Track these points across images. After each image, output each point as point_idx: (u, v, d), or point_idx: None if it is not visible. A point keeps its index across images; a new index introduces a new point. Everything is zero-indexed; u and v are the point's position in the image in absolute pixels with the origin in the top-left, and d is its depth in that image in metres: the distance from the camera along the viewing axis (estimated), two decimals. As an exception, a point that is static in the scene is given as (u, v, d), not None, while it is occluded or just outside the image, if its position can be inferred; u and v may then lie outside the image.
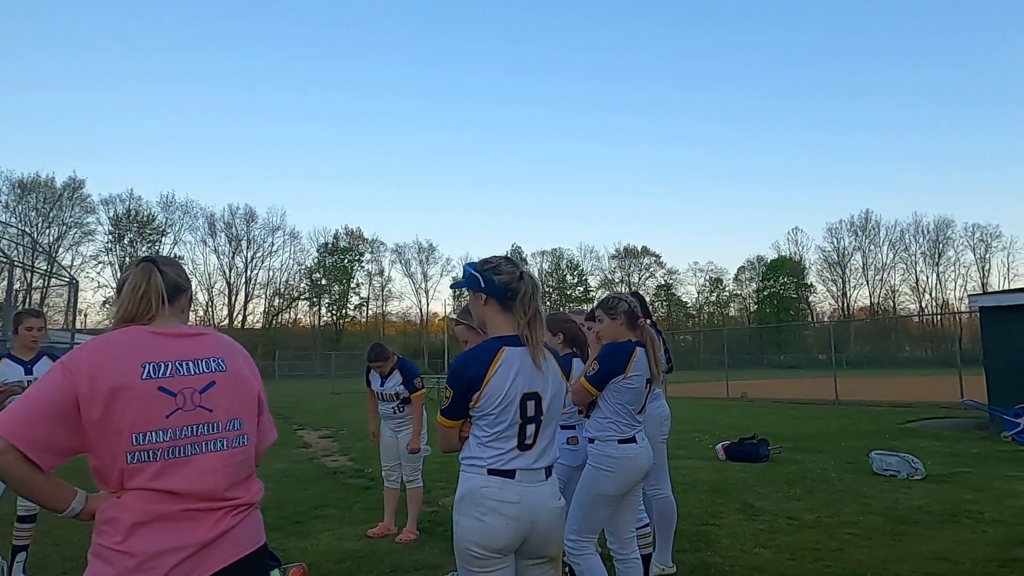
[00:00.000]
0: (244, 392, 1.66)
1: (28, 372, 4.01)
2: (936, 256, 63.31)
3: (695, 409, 16.07)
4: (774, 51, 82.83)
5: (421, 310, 65.92)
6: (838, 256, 66.75)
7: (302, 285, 62.32)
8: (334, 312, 63.37)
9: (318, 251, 62.55)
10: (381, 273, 65.60)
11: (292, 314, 63.12)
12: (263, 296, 61.27)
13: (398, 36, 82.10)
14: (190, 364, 1.57)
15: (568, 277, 67.59)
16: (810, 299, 67.88)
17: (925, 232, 63.57)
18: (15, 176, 49.24)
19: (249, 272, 60.06)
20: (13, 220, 44.34)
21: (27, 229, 40.11)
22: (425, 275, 66.09)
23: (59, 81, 70.03)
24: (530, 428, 2.07)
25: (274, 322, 60.27)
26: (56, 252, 43.85)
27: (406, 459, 5.04)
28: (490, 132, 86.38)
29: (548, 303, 65.39)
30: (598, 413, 3.08)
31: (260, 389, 1.74)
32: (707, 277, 70.65)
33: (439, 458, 8.27)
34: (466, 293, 2.37)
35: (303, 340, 58.84)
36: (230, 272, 59.40)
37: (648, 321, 3.40)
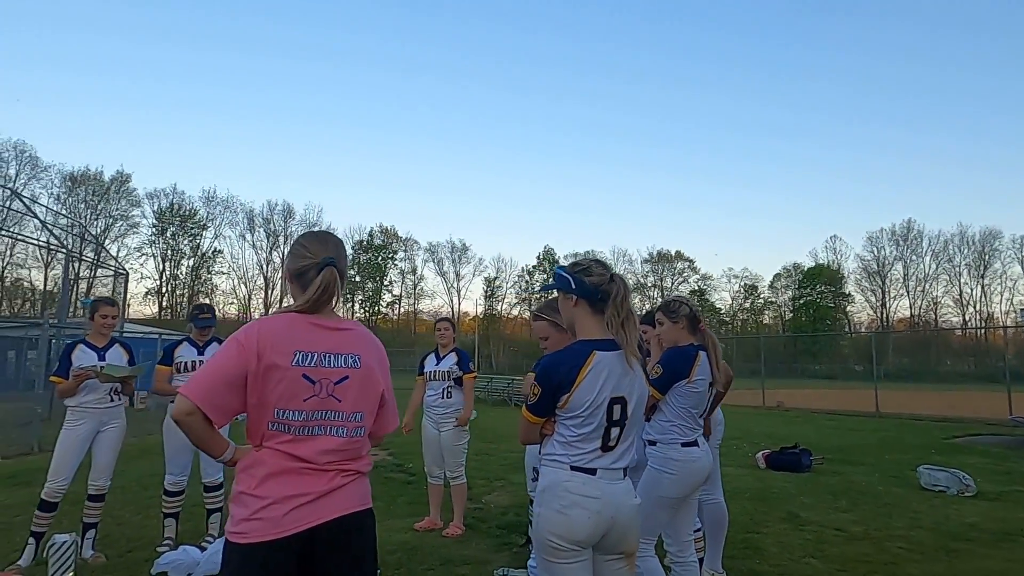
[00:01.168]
0: (370, 389, 1.87)
1: (101, 358, 4.18)
2: (982, 268, 61.34)
3: (730, 417, 15.74)
4: (813, 54, 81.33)
5: (453, 309, 66.28)
6: (878, 266, 65.21)
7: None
8: (367, 309, 64.09)
9: (353, 248, 63.27)
10: (414, 271, 66.23)
11: (327, 310, 63.94)
12: (298, 291, 62.17)
13: (434, 39, 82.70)
14: (331, 357, 1.80)
15: (600, 280, 67.17)
16: (847, 309, 66.42)
17: (970, 243, 61.69)
18: (66, 169, 51.05)
19: (285, 267, 61.04)
20: (64, 211, 45.76)
21: (76, 220, 41.36)
22: (457, 274, 66.61)
23: (109, 79, 72.18)
24: (614, 431, 2.12)
25: (308, 317, 61.11)
26: (103, 243, 45.15)
27: (449, 455, 5.09)
28: (524, 134, 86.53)
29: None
30: (660, 416, 3.09)
31: (386, 387, 1.93)
32: (741, 284, 69.77)
33: (477, 456, 8.38)
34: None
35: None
36: (267, 267, 60.60)
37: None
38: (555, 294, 2.39)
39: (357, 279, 63.18)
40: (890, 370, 44.42)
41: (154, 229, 56.05)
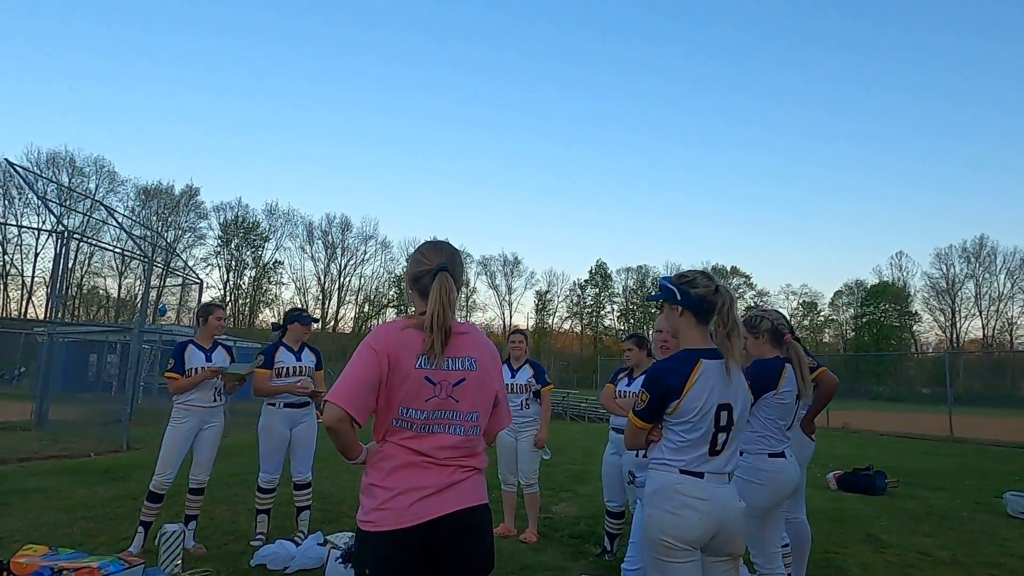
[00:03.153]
0: (486, 391, 1.97)
1: (208, 359, 4.46)
2: (1062, 287, 57.90)
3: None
4: (880, 64, 78.96)
5: (504, 322, 66.62)
6: (947, 284, 62.31)
7: (391, 293, 64.37)
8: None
9: (407, 261, 64.28)
10: (466, 284, 66.72)
11: (380, 320, 65.14)
12: (354, 302, 63.84)
13: (485, 56, 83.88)
14: (450, 360, 1.89)
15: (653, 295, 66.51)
16: (914, 329, 63.65)
17: (1050, 261, 58.28)
18: (140, 183, 53.88)
19: (342, 279, 62.76)
20: (138, 222, 48.28)
21: (152, 230, 43.54)
22: (509, 288, 66.97)
23: (181, 98, 75.91)
24: (721, 436, 2.20)
25: (364, 328, 62.46)
26: (178, 253, 47.35)
27: (524, 463, 5.12)
28: (577, 147, 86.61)
29: (633, 321, 64.65)
30: (748, 427, 3.12)
31: (499, 388, 2.03)
32: (800, 301, 67.83)
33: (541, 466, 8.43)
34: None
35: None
36: (324, 278, 62.29)
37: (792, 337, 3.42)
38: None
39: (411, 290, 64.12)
40: (961, 393, 42.30)
41: (219, 240, 58.45)
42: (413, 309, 2.07)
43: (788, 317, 3.69)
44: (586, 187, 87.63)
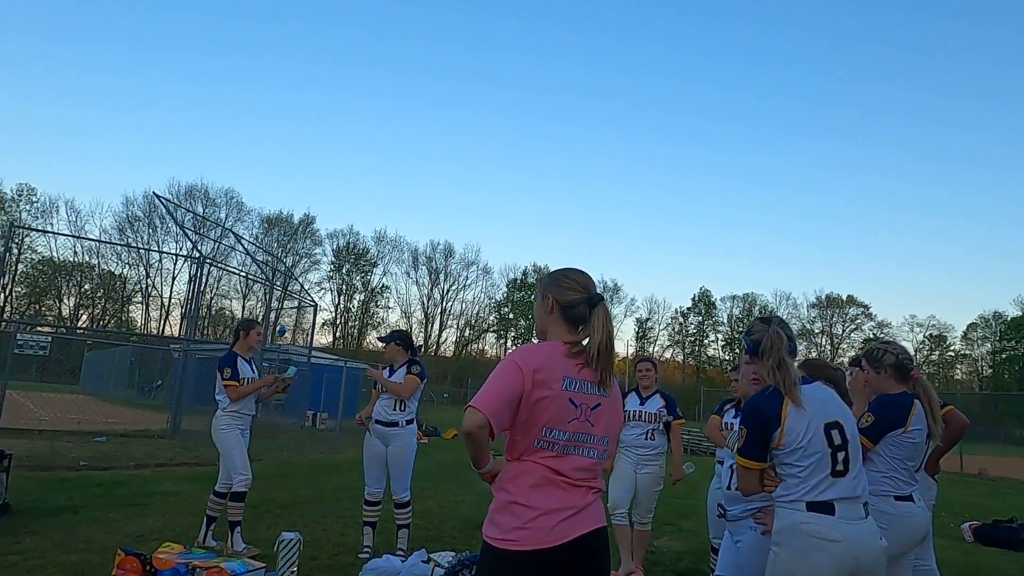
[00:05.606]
0: (616, 417, 2.05)
1: (251, 370, 4.95)
2: None
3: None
4: (1014, 61, 72.40)
5: (602, 350, 65.76)
6: (1105, 317, 55.47)
7: (491, 318, 65.43)
8: (519, 346, 65.31)
9: (507, 286, 65.37)
10: (564, 310, 66.60)
11: (480, 345, 66.26)
12: (455, 327, 65.40)
13: (593, 80, 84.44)
14: (588, 385, 1.97)
15: (761, 325, 63.64)
16: (1064, 366, 56.89)
17: None
18: (264, 212, 58.38)
19: (444, 303, 64.57)
20: (261, 248, 52.17)
21: (269, 258, 46.89)
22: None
23: (300, 134, 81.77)
24: (840, 455, 2.15)
25: (464, 352, 63.74)
26: (296, 278, 50.60)
27: (644, 498, 4.88)
28: (679, 171, 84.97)
29: (738, 351, 62.01)
30: (871, 467, 2.93)
31: (622, 418, 2.13)
32: (927, 333, 62.52)
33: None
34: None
35: (489, 370, 61.28)
36: (428, 303, 64.33)
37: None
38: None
39: (511, 316, 64.99)
40: (1123, 442, 37.27)
41: (332, 266, 61.97)
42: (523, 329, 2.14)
43: (912, 351, 3.47)
44: (690, 211, 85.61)
